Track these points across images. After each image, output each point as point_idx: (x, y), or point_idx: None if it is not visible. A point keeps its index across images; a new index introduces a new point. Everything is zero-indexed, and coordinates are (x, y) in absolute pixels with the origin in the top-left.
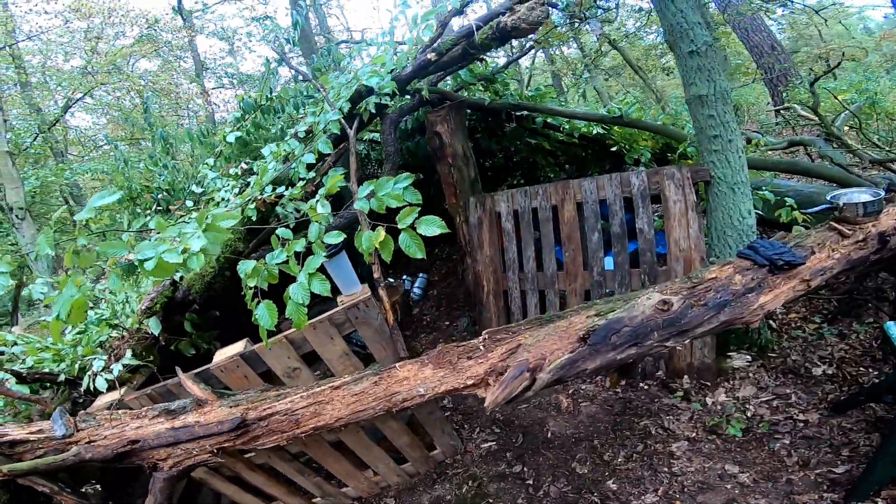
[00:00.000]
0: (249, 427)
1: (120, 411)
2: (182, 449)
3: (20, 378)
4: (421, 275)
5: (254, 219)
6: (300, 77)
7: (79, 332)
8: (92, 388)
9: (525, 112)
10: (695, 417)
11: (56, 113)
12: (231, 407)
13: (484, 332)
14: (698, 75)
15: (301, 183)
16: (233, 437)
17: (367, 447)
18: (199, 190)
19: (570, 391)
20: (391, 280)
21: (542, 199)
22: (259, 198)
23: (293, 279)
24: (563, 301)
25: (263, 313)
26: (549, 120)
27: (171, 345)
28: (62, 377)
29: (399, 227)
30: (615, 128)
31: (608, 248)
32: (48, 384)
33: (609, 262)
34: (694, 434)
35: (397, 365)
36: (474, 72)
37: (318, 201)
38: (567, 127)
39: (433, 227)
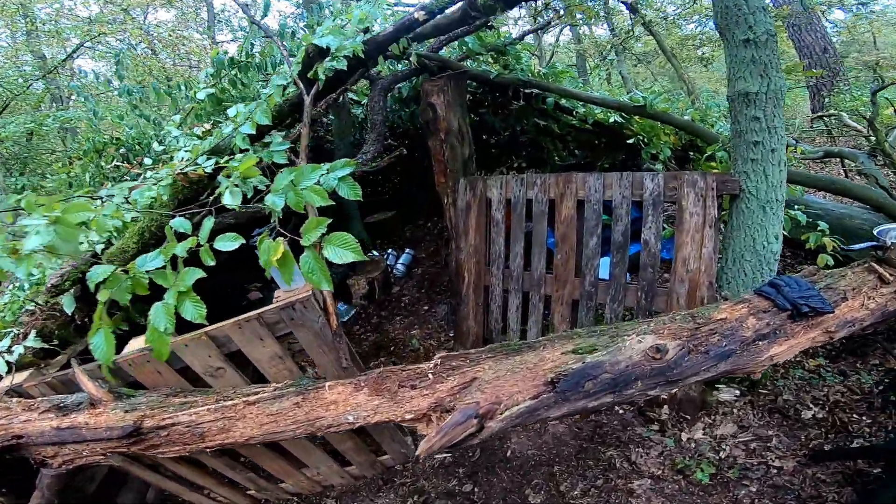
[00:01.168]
0: (145, 436)
1: (14, 400)
2: (70, 449)
3: None
4: (407, 250)
5: (165, 197)
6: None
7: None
8: None
9: (535, 91)
10: (665, 454)
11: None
12: (126, 411)
13: (437, 355)
14: (750, 69)
15: (240, 156)
16: (125, 443)
17: (305, 449)
18: (161, 148)
19: None
20: (374, 253)
21: (540, 190)
22: (178, 172)
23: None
24: (547, 306)
25: (100, 344)
26: (562, 102)
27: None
28: None
29: (301, 243)
30: (635, 118)
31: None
32: None
33: (604, 270)
34: (660, 472)
35: (326, 385)
36: (483, 40)
37: (227, 188)
38: (581, 111)
39: (347, 252)
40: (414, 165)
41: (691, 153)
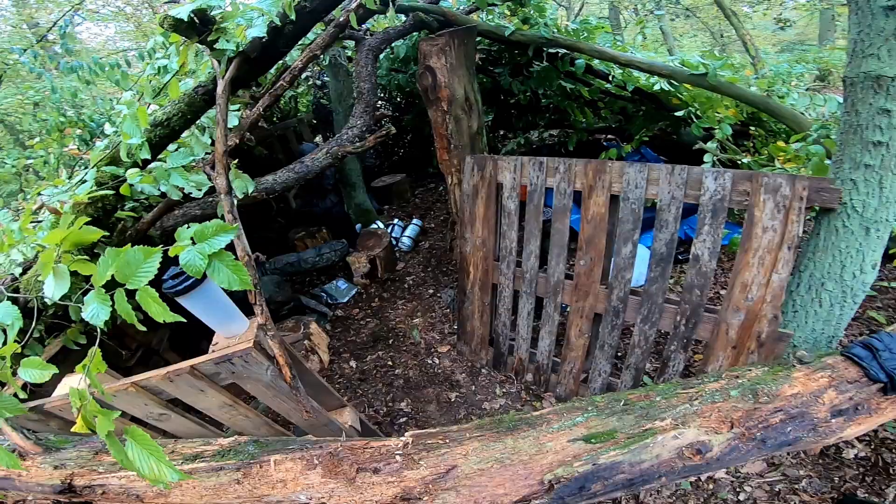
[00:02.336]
0: (80, 493)
1: None
2: (19, 492)
3: None
4: (415, 220)
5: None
6: None
7: None
8: None
9: (562, 50)
10: (677, 493)
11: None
12: (55, 467)
13: (409, 432)
14: (890, 45)
15: (134, 170)
16: (65, 497)
17: None
18: (113, 130)
19: None
20: (377, 224)
21: (563, 178)
22: (51, 205)
23: None
24: (564, 318)
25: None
26: (595, 64)
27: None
28: None
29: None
30: (685, 85)
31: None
32: None
33: (639, 278)
34: None
35: (272, 460)
36: None
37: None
38: (618, 76)
39: (234, 279)
40: (425, 122)
41: (752, 128)
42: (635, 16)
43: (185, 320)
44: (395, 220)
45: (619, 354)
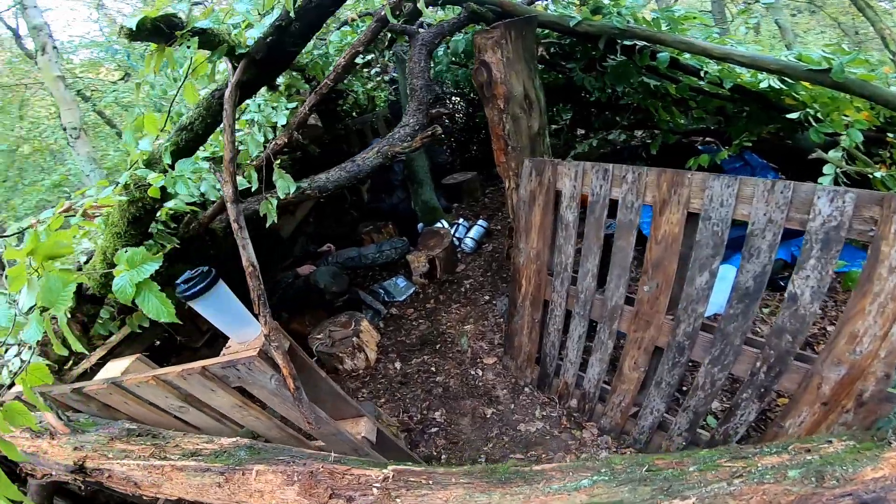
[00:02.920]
0: (90, 473)
1: None
2: (43, 467)
3: None
4: (480, 221)
5: (115, 217)
6: None
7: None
8: None
9: (643, 43)
10: None
11: None
12: (74, 448)
13: (391, 466)
14: None
15: (152, 176)
16: (79, 476)
17: None
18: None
19: None
20: (441, 224)
21: (631, 189)
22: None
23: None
24: (618, 348)
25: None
26: (684, 58)
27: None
28: None
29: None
30: (802, 83)
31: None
32: None
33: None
34: None
35: (254, 470)
36: None
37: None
38: (714, 71)
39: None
40: None
41: (890, 135)
42: (746, 8)
43: (180, 322)
44: (461, 220)
45: (681, 389)
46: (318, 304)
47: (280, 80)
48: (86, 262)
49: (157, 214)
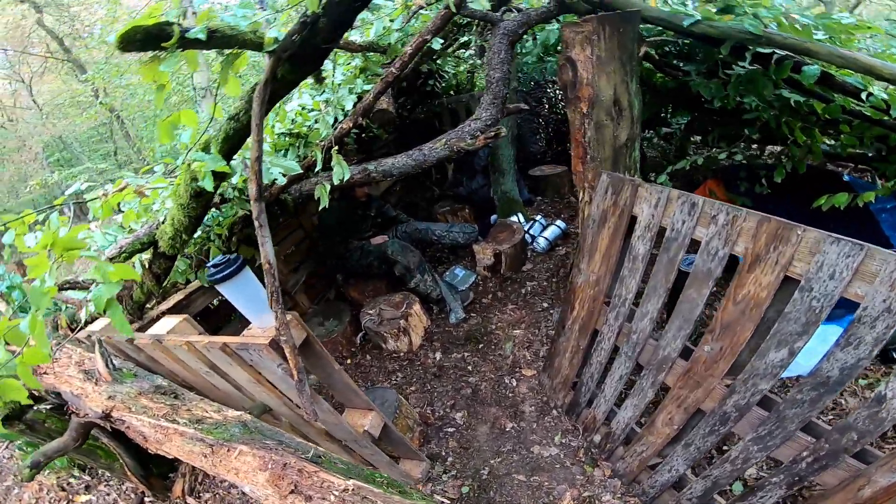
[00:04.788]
0: (114, 422)
1: (77, 352)
2: (84, 409)
3: None
4: (559, 222)
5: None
6: None
7: None
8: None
9: (784, 52)
10: None
11: None
12: (109, 397)
13: (353, 480)
14: None
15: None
16: (106, 423)
17: None
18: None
19: None
20: (515, 219)
21: (720, 233)
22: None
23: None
24: (657, 397)
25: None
26: (841, 75)
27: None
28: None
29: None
30: None
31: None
32: None
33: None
34: None
35: (238, 450)
36: None
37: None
38: (877, 93)
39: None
40: None
41: None
42: None
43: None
44: (539, 217)
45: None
46: (383, 276)
47: (356, 61)
48: (163, 222)
49: (233, 182)
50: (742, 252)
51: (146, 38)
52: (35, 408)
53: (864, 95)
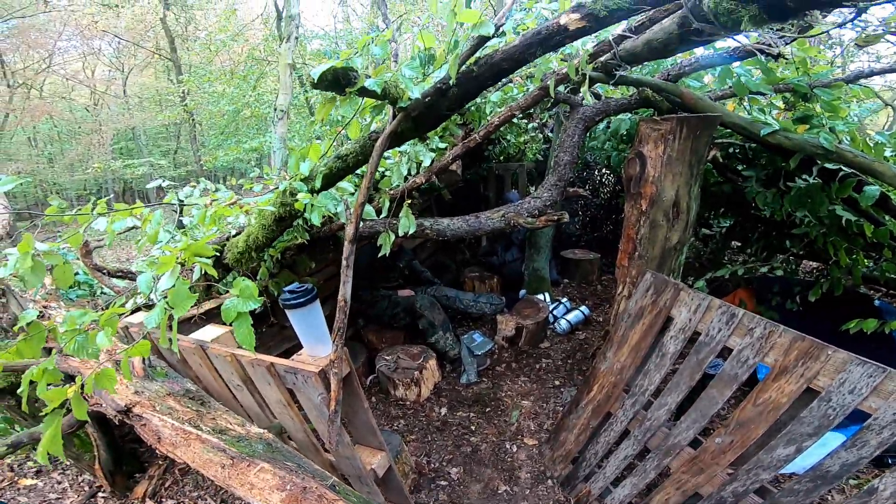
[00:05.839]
0: (132, 417)
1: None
2: (104, 400)
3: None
4: (583, 308)
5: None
6: None
7: None
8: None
9: (847, 169)
10: None
11: None
12: (135, 392)
13: None
14: None
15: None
16: (123, 417)
17: None
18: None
19: None
20: (541, 297)
21: (753, 345)
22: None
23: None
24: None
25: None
26: None
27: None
28: None
29: None
30: None
31: None
32: None
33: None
34: None
35: (260, 466)
36: (771, 73)
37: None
38: None
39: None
40: None
41: None
42: None
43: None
44: (564, 299)
45: None
46: (405, 327)
47: None
48: (234, 235)
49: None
50: (771, 363)
51: (333, 80)
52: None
53: None
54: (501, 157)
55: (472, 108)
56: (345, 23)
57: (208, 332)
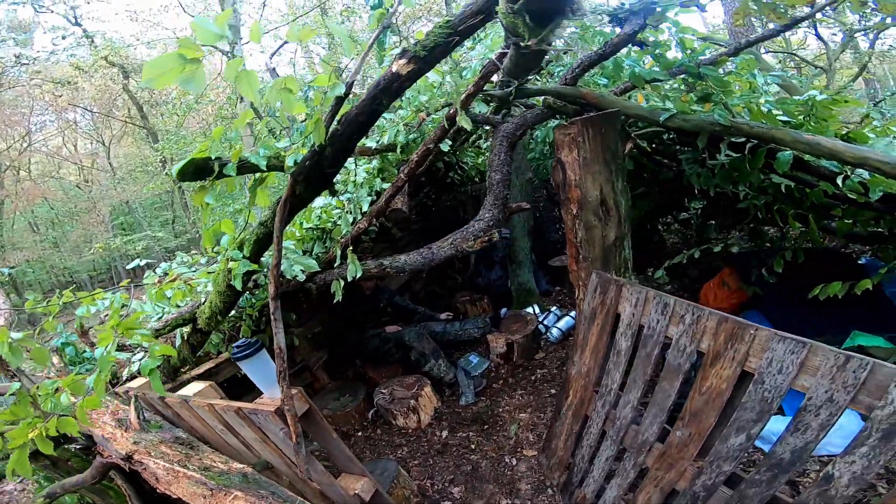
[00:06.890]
0: (134, 464)
1: (113, 404)
2: (109, 451)
3: None
4: (573, 313)
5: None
6: None
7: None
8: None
9: (759, 141)
10: None
11: None
12: (134, 442)
13: None
14: None
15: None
16: (127, 464)
17: None
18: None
19: None
20: (531, 310)
21: (688, 332)
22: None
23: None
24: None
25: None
26: (815, 159)
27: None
28: None
29: None
30: None
31: None
32: None
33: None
34: None
35: (234, 494)
36: (664, 59)
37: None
38: (855, 177)
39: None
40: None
41: None
42: None
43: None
44: (554, 308)
45: None
46: (400, 361)
47: (374, 162)
48: (203, 303)
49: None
50: (706, 349)
51: (196, 171)
52: (64, 446)
53: (839, 180)
54: (476, 179)
55: (413, 145)
56: (308, 68)
57: (192, 388)
